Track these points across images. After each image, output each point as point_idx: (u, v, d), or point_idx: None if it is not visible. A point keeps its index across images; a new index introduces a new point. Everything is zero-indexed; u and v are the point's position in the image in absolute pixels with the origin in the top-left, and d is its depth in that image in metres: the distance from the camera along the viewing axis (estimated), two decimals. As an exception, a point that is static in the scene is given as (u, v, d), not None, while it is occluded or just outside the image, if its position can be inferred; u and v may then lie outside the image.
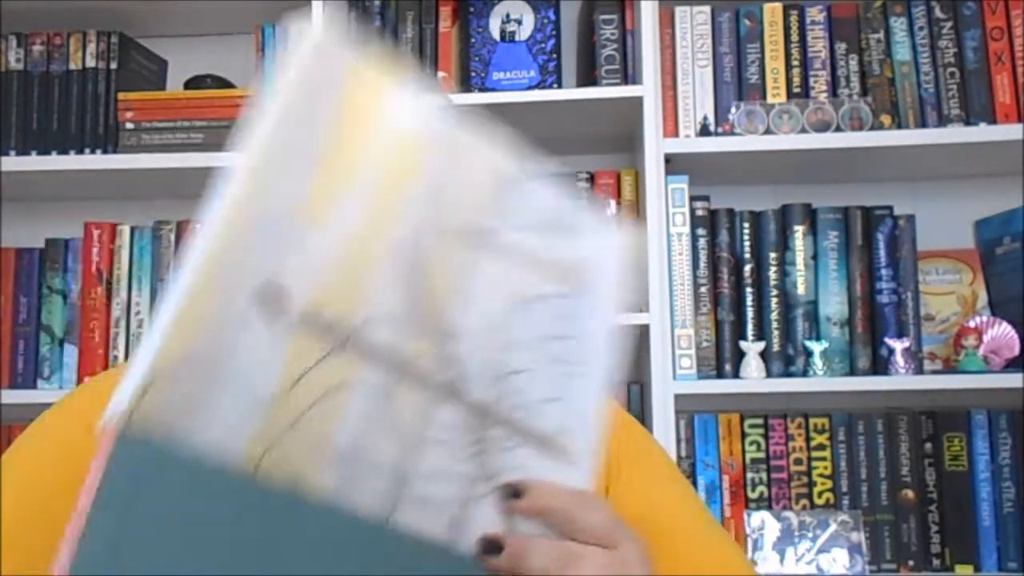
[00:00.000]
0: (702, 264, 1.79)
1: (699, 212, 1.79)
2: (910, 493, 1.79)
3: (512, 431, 0.56)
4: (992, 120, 1.81)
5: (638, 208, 1.83)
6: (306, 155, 0.50)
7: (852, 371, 1.80)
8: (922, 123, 1.82)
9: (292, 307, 0.49)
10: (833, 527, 1.75)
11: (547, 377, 0.57)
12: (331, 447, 0.50)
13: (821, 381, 1.76)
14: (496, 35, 1.89)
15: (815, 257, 1.79)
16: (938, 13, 1.83)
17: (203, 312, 0.48)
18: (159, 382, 0.46)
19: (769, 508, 1.78)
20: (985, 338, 1.75)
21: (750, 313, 1.79)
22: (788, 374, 1.78)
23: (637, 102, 1.75)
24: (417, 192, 0.53)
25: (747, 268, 1.81)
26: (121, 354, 1.88)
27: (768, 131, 1.76)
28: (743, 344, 1.77)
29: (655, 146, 1.73)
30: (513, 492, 0.55)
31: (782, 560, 1.75)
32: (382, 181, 0.52)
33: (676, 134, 1.78)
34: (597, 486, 0.59)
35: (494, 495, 0.55)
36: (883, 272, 1.78)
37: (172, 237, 1.90)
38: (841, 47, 1.84)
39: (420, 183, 0.53)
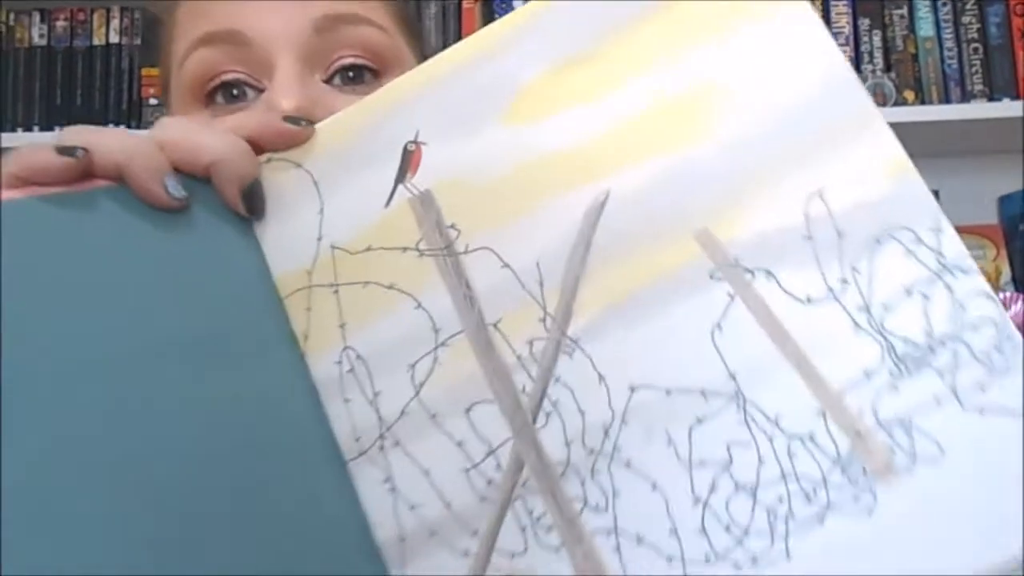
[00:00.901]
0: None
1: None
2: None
3: (563, 528, 0.37)
4: (1016, 96, 1.67)
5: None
6: (554, 52, 0.41)
7: (875, 346, 1.78)
8: (946, 99, 1.69)
9: (418, 179, 0.41)
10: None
11: (676, 520, 0.36)
12: (348, 339, 0.40)
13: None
14: None
15: (837, 234, 1.78)
16: (962, -12, 1.71)
17: (363, 122, 0.42)
18: (276, 165, 0.42)
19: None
20: (1008, 313, 1.74)
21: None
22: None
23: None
24: (689, 157, 0.39)
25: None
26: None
27: (791, 107, 1.75)
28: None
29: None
30: None
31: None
32: (636, 127, 0.40)
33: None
34: None
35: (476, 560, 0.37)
36: (906, 248, 1.79)
37: (195, 213, 1.90)
38: (864, 23, 1.71)
39: (698, 149, 0.39)
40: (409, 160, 0.41)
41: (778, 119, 0.39)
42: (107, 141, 0.40)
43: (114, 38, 1.83)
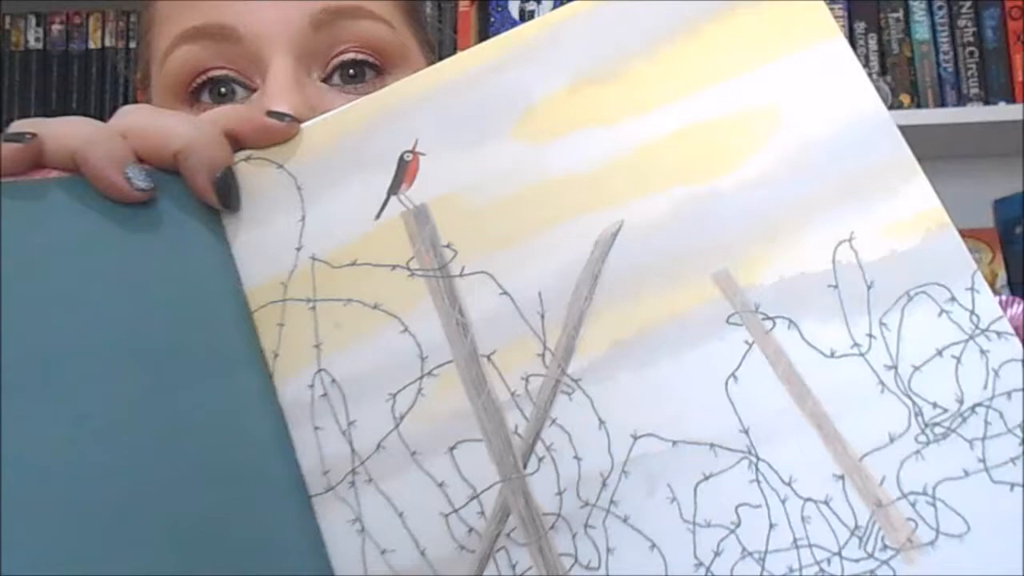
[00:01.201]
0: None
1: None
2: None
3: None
4: (1012, 99, 1.65)
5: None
6: (573, 67, 0.38)
7: (870, 351, 1.78)
8: (941, 102, 1.67)
9: (414, 192, 0.37)
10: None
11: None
12: (323, 361, 0.36)
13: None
14: (515, 15, 1.74)
15: (833, 237, 1.77)
16: (957, -8, 1.69)
17: (357, 125, 0.38)
18: (257, 165, 0.38)
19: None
20: (1006, 316, 1.74)
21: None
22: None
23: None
24: (711, 190, 0.36)
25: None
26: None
27: (787, 111, 1.74)
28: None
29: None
30: None
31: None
32: (657, 155, 0.36)
33: (694, 114, 1.77)
34: None
35: None
36: (902, 252, 1.79)
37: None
38: (860, 26, 1.69)
39: (725, 181, 0.36)
40: (405, 170, 0.38)
41: (810, 158, 0.36)
42: (61, 128, 0.36)
43: (110, 41, 1.81)
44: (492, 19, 1.77)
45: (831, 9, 1.73)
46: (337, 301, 0.37)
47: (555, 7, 1.74)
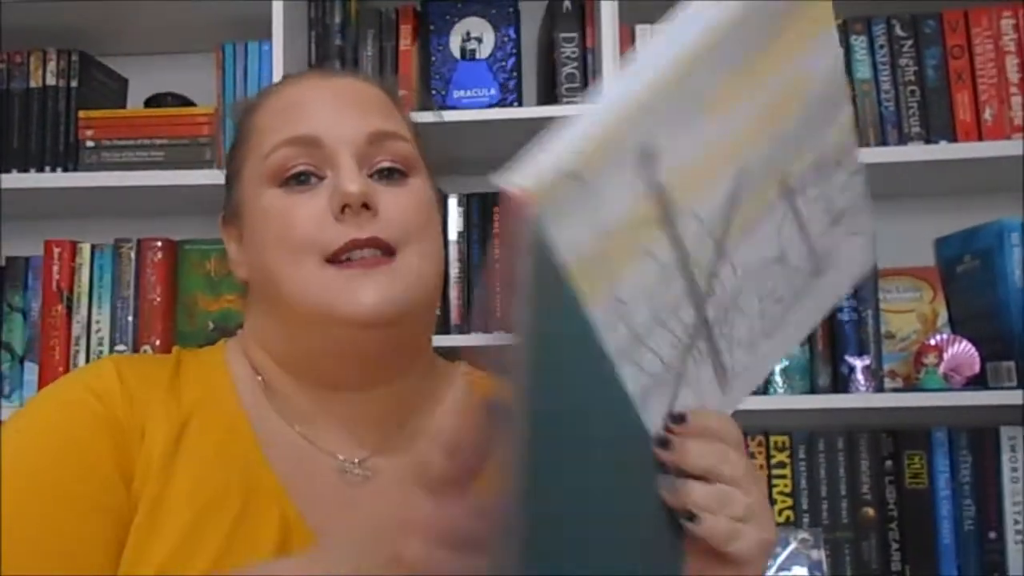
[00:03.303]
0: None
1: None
2: (870, 511, 1.70)
3: (710, 351, 0.63)
4: (953, 138, 1.70)
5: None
6: (738, 52, 0.56)
7: (813, 389, 1.70)
8: (883, 141, 1.71)
9: (657, 172, 0.53)
10: (793, 544, 1.64)
11: (753, 327, 0.65)
12: (613, 289, 0.54)
13: (782, 399, 1.67)
14: (456, 53, 1.78)
15: (779, 274, 1.79)
16: (898, 31, 1.73)
17: (600, 142, 0.50)
18: (558, 180, 0.48)
19: (732, 525, 1.76)
20: (945, 356, 1.64)
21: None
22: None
23: (599, 120, 1.75)
24: (785, 131, 0.61)
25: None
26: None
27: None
28: (706, 361, 1.73)
29: (619, 163, 1.74)
30: (679, 418, 0.61)
31: (743, 578, 1.73)
32: (775, 105, 0.60)
33: (639, 151, 1.78)
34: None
35: (665, 418, 0.61)
36: (844, 290, 1.80)
37: (132, 255, 1.79)
38: None
39: (790, 124, 0.61)
40: (650, 161, 0.53)
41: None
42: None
43: (51, 80, 1.84)
44: (433, 57, 1.79)
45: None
46: (624, 256, 0.55)
47: (496, 41, 1.75)
